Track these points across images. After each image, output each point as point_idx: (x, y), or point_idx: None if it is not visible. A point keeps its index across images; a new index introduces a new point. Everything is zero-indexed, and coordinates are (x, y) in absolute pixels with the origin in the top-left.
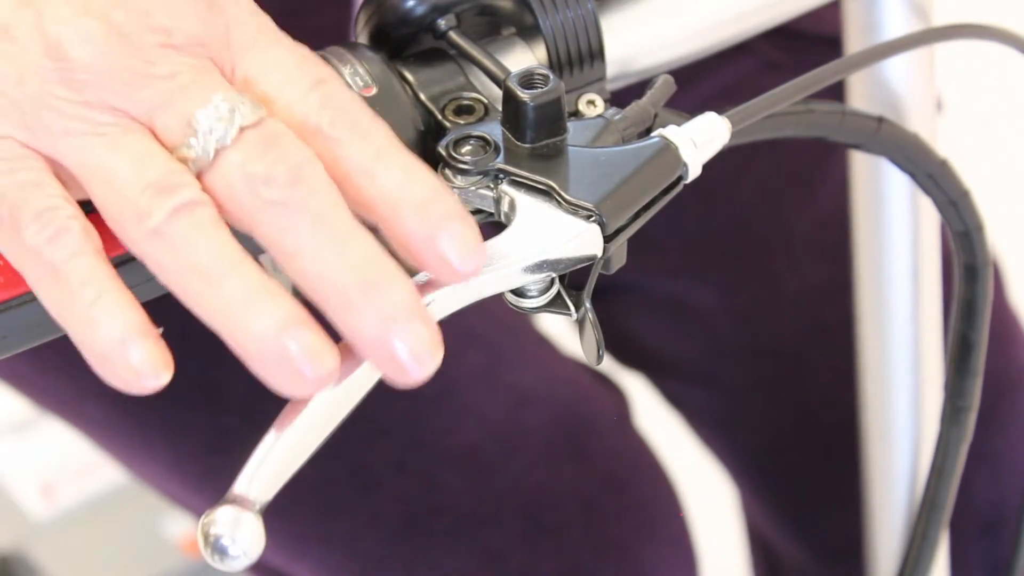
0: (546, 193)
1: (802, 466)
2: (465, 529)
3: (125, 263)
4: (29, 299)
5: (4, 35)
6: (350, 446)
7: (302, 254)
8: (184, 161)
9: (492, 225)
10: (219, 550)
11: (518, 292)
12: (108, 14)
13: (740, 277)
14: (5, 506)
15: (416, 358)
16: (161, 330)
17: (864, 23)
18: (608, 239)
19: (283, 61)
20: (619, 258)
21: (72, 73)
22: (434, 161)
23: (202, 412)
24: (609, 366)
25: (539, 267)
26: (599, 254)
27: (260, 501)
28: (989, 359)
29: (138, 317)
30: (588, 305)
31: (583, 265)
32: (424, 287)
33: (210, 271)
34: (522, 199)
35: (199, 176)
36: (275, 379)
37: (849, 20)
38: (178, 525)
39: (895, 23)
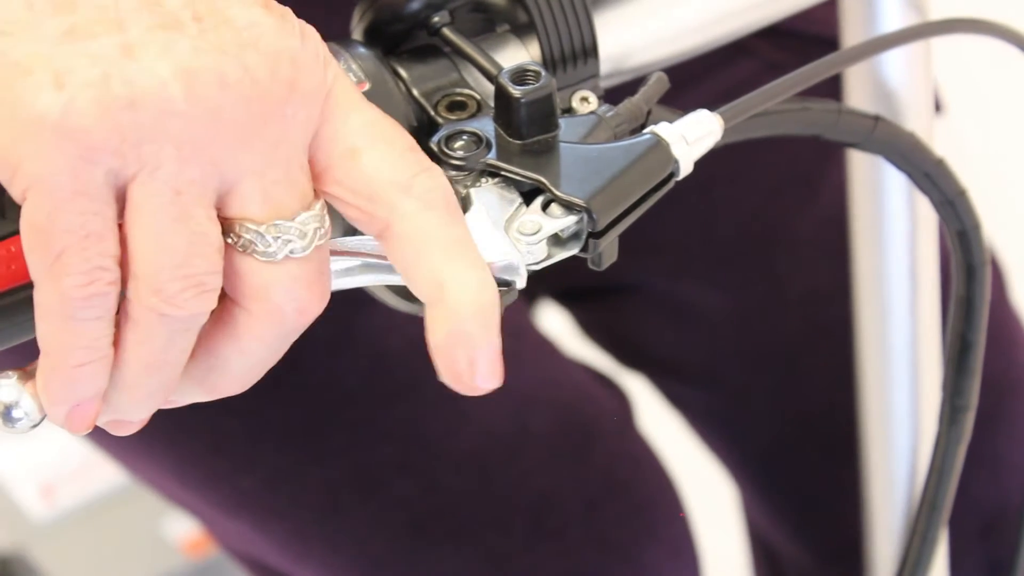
0: (515, 207)
1: (803, 467)
2: (467, 531)
3: None
4: (22, 292)
5: (128, 53)
6: (352, 447)
7: (228, 369)
8: (244, 239)
9: None
10: (4, 415)
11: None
12: (242, 54)
13: (742, 278)
14: (5, 506)
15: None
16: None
17: (861, 19)
18: (598, 235)
19: (377, 122)
20: (610, 254)
21: (196, 112)
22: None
23: (203, 414)
24: (610, 367)
25: None
26: (519, 286)
27: None
28: (989, 359)
29: (104, 384)
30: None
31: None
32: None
33: (157, 367)
34: (475, 211)
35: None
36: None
37: (846, 16)
38: (178, 525)
39: (891, 18)
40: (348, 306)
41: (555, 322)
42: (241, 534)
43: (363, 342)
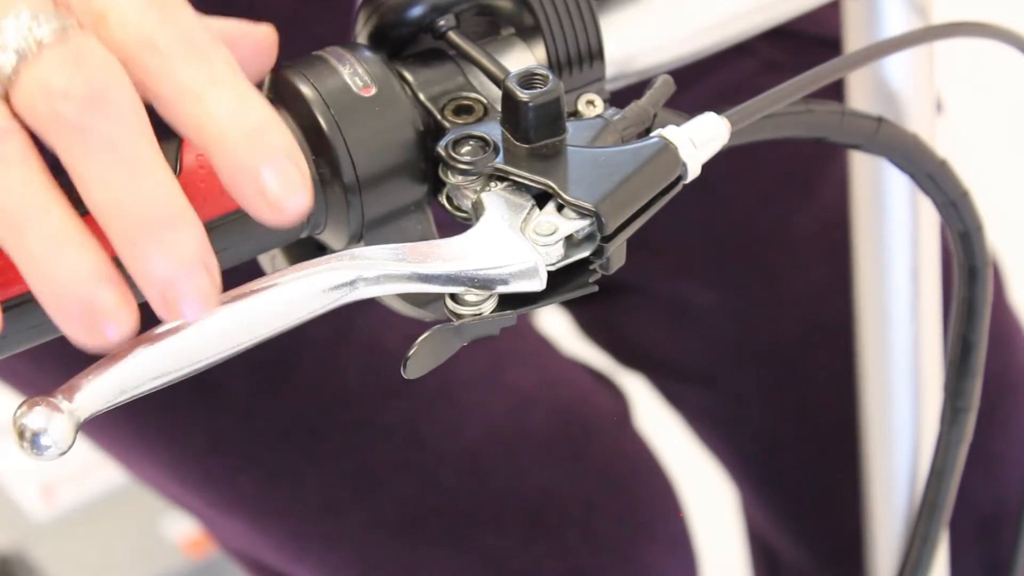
0: (527, 210)
1: (802, 466)
2: (465, 530)
3: None
4: (28, 299)
5: None
6: (351, 446)
7: (93, 181)
8: None
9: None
10: (32, 442)
11: (455, 296)
12: None
13: (740, 277)
14: (5, 506)
15: (194, 306)
16: None
17: (864, 22)
18: (607, 239)
19: None
20: (618, 258)
21: None
22: (434, 161)
23: (201, 413)
24: (609, 366)
25: (453, 280)
26: (539, 288)
27: (80, 412)
28: (988, 360)
29: None
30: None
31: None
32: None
33: (16, 215)
34: (489, 215)
35: (5, 94)
36: (74, 332)
37: (848, 19)
38: (178, 525)
39: (894, 22)
40: (346, 305)
41: (554, 321)
42: (239, 533)
43: (361, 341)
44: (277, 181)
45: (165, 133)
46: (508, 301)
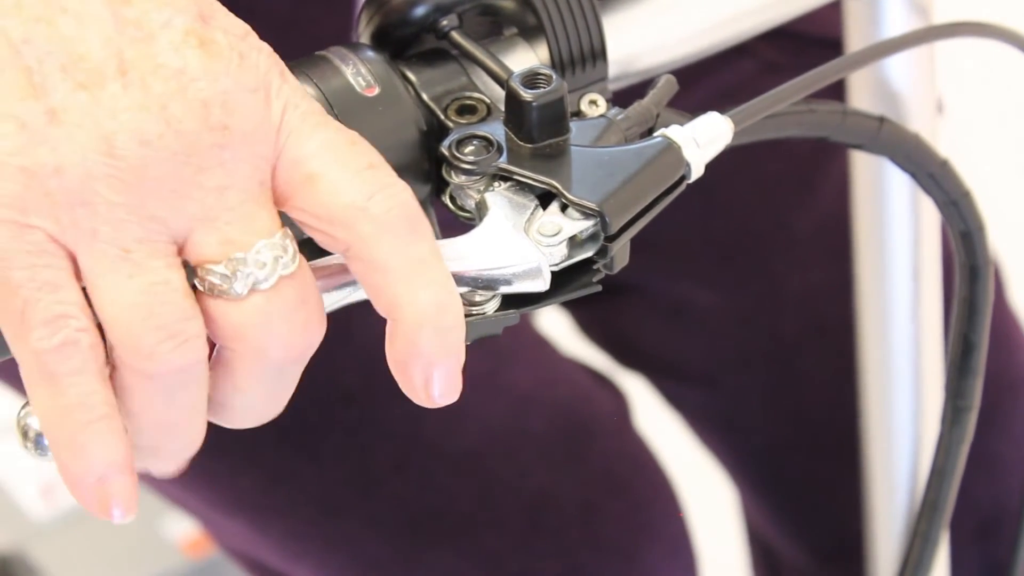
0: (531, 210)
1: (802, 466)
2: (465, 530)
3: None
4: None
5: (52, 119)
6: (351, 447)
7: (240, 397)
8: (208, 282)
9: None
10: (36, 442)
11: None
12: (167, 106)
13: (740, 277)
14: (5, 506)
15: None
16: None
17: (865, 22)
18: (611, 239)
19: (333, 142)
20: (622, 258)
21: (119, 173)
22: (437, 161)
23: None
24: (609, 367)
25: (456, 280)
26: (542, 288)
27: None
28: (988, 360)
29: (123, 451)
30: None
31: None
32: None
33: (171, 427)
34: (493, 215)
35: (214, 298)
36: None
37: (850, 19)
38: (178, 525)
39: (896, 22)
40: (347, 305)
41: (553, 321)
42: (239, 534)
43: (361, 341)
44: (444, 381)
45: None
46: (511, 301)
